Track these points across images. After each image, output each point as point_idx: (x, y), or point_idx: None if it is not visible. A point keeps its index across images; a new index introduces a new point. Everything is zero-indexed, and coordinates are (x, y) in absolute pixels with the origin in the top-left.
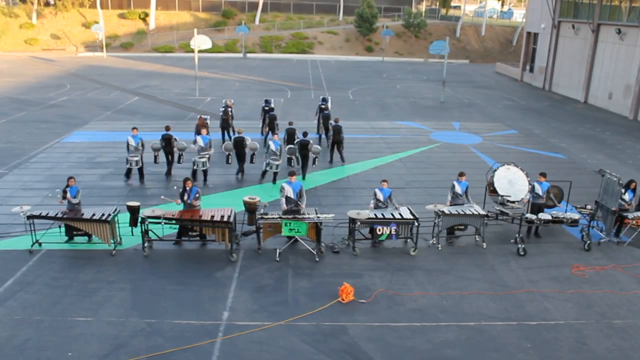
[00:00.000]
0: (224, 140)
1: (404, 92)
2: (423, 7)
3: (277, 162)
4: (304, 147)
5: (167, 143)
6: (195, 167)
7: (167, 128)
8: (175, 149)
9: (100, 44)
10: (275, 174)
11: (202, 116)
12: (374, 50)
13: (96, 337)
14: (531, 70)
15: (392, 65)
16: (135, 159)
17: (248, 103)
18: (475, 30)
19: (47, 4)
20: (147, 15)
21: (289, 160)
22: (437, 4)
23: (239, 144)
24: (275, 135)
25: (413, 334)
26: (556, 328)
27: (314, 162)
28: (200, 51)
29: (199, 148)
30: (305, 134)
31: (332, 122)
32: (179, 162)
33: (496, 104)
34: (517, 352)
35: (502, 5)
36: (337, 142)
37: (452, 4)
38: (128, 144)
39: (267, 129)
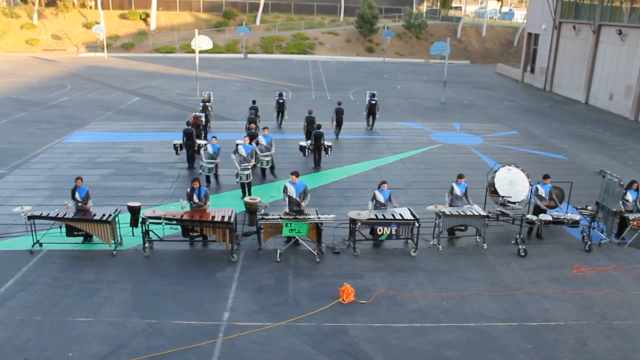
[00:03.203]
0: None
1: (405, 93)
2: (424, 7)
3: (246, 172)
4: (317, 138)
5: (189, 137)
6: None
7: (188, 123)
8: (196, 143)
9: (101, 45)
10: (244, 185)
11: (197, 114)
12: (375, 51)
13: (97, 337)
14: (532, 71)
15: (393, 65)
16: (267, 158)
17: (248, 104)
18: (476, 31)
19: (49, 4)
20: (148, 15)
21: (303, 149)
22: (438, 4)
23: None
24: (246, 139)
25: (414, 334)
26: (557, 329)
27: (326, 152)
28: (201, 52)
29: None
30: (319, 126)
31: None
32: (198, 153)
33: (497, 104)
34: (518, 353)
35: (501, 6)
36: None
37: (453, 4)
38: (258, 143)
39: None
